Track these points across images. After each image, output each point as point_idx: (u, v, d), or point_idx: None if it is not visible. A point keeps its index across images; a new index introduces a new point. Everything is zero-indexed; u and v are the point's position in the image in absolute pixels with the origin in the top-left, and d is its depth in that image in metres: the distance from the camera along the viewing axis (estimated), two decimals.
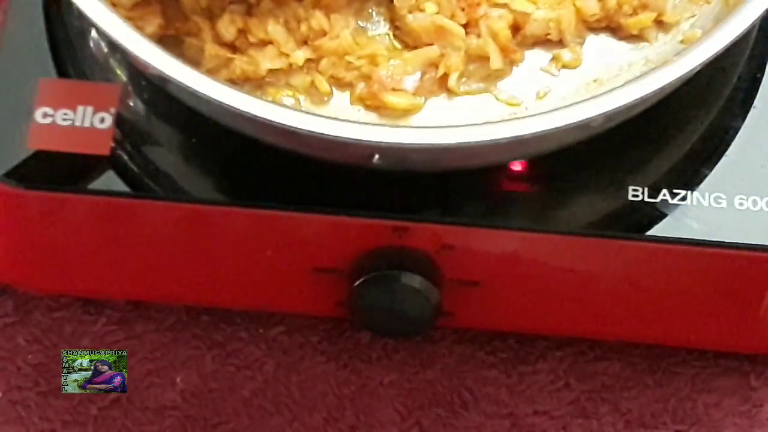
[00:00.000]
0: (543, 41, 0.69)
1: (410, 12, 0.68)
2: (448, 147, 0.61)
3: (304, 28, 0.67)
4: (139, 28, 0.64)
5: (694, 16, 0.69)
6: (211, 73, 0.65)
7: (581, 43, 0.69)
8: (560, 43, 0.69)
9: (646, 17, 0.68)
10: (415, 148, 0.61)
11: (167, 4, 0.67)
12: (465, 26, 0.68)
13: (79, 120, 0.66)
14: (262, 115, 0.60)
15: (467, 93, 0.68)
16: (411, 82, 0.67)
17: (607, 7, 0.68)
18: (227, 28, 0.67)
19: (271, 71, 0.67)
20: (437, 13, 0.68)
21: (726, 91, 0.70)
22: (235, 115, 0.61)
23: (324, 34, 0.67)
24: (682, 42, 0.69)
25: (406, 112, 0.67)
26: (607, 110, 0.60)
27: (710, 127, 0.70)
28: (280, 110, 0.61)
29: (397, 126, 0.66)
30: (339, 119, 0.62)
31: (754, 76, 0.71)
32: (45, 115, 0.67)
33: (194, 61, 0.66)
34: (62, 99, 0.67)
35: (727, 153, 0.69)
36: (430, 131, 0.61)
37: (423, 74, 0.67)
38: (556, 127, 0.60)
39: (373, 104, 0.67)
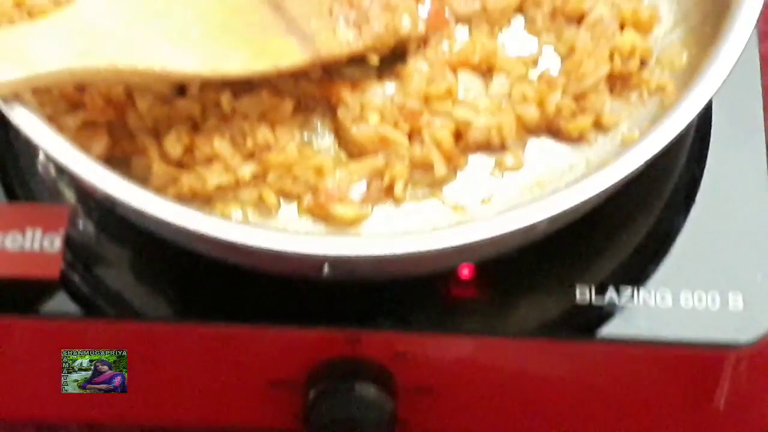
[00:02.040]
0: (485, 145, 0.70)
1: (354, 122, 0.69)
2: (396, 256, 0.61)
3: (249, 142, 0.68)
4: (86, 150, 0.64)
5: (631, 117, 0.70)
6: (158, 190, 0.66)
7: (523, 147, 0.70)
8: (502, 146, 0.69)
9: (584, 120, 0.69)
10: (364, 259, 0.61)
11: (113, 124, 0.68)
12: (408, 135, 0.69)
13: (29, 243, 0.66)
14: (210, 233, 0.60)
15: (414, 200, 0.68)
16: (357, 191, 0.68)
17: (546, 112, 0.69)
18: (174, 145, 0.67)
19: (218, 187, 0.67)
20: (380, 122, 0.69)
21: (667, 189, 0.72)
22: (184, 232, 0.61)
23: (270, 147, 0.68)
24: (621, 143, 0.69)
25: (354, 222, 0.67)
26: (550, 215, 0.61)
27: (654, 226, 0.71)
28: (228, 226, 0.61)
29: (345, 236, 0.66)
30: (287, 232, 0.63)
31: (693, 174, 0.72)
32: None
33: (142, 179, 0.66)
34: (10, 222, 0.67)
35: (672, 251, 0.69)
36: (377, 241, 0.62)
37: (369, 183, 0.68)
38: (501, 234, 0.61)
39: (321, 215, 0.67)
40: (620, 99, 0.70)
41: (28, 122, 0.62)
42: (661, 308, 0.67)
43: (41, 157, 0.72)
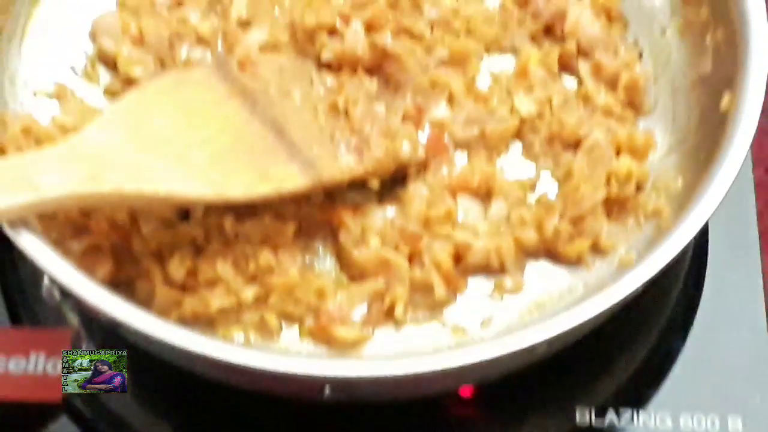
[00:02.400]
0: (485, 268, 0.70)
1: (355, 245, 0.69)
2: (397, 378, 0.61)
3: (252, 265, 0.68)
4: (90, 274, 0.65)
5: (628, 240, 0.71)
6: (162, 313, 0.66)
7: (522, 269, 0.70)
8: (501, 269, 0.70)
9: (582, 243, 0.70)
10: (364, 380, 0.61)
11: (118, 248, 0.69)
12: (408, 257, 0.69)
13: (32, 367, 0.67)
14: (212, 355, 0.61)
15: (414, 322, 0.69)
16: (359, 314, 0.68)
17: (544, 235, 0.70)
18: (177, 268, 0.68)
19: (221, 309, 0.67)
20: (381, 245, 0.69)
21: (666, 311, 0.72)
22: (186, 355, 0.61)
23: (272, 270, 0.68)
24: (619, 266, 0.70)
25: (356, 344, 0.67)
26: (549, 337, 0.61)
27: (653, 348, 0.71)
28: (230, 349, 0.61)
29: (346, 358, 0.67)
30: (288, 353, 0.63)
31: (691, 296, 0.73)
32: None
33: (145, 303, 0.67)
34: (14, 346, 0.67)
35: (671, 373, 0.70)
36: (378, 363, 0.62)
37: (370, 306, 0.68)
38: (501, 356, 0.61)
39: (323, 337, 0.68)
40: (617, 222, 0.71)
41: (33, 247, 0.63)
42: (661, 431, 0.67)
43: (46, 280, 0.72)
